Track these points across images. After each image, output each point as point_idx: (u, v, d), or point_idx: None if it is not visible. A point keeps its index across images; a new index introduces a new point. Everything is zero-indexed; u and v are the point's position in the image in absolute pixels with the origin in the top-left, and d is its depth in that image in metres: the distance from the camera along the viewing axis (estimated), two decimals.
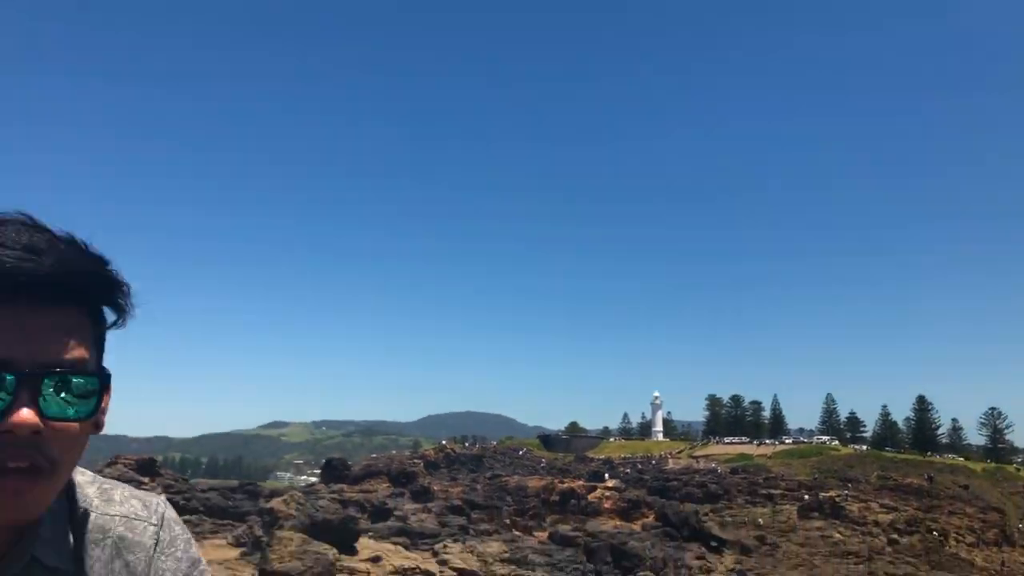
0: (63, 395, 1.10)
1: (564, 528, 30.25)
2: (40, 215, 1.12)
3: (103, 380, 1.15)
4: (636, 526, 32.62)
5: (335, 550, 21.32)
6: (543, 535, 30.10)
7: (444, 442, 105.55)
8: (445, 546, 24.54)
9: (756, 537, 43.09)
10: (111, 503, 1.31)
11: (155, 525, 1.33)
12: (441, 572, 21.06)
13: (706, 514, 37.28)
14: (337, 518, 24.14)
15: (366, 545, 23.74)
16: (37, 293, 1.07)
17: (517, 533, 29.27)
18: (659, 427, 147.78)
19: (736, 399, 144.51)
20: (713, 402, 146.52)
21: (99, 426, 1.19)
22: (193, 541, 1.39)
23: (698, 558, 28.87)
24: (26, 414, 1.06)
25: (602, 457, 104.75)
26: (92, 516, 1.28)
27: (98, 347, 1.17)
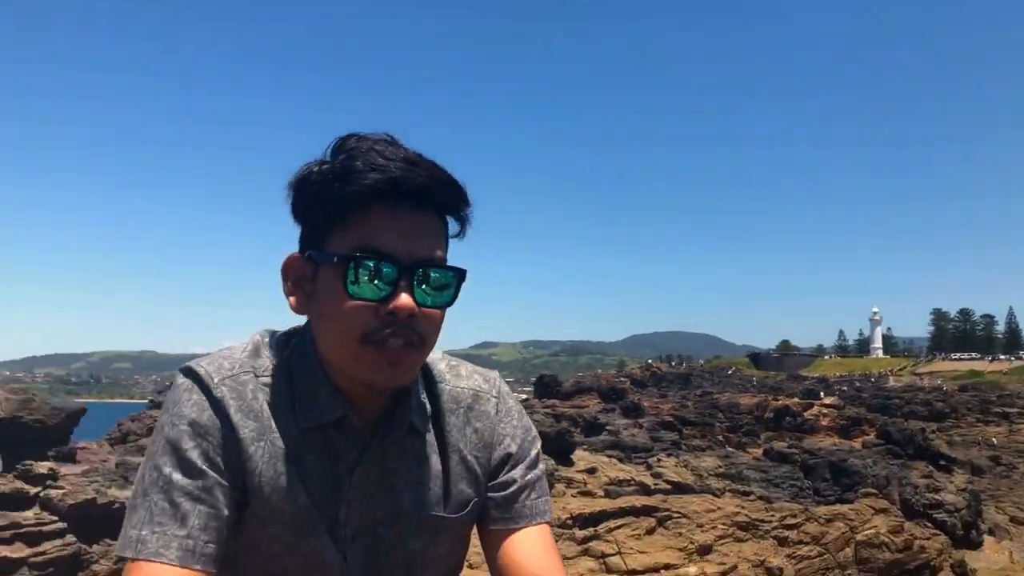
0: (430, 286, 1.30)
1: (779, 445, 29.73)
2: None
3: (459, 276, 1.34)
4: (856, 444, 31.48)
5: (552, 461, 22.22)
6: (757, 452, 29.78)
7: (650, 361, 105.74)
8: (659, 460, 24.89)
9: (989, 457, 40.48)
10: (459, 377, 1.51)
11: (496, 397, 1.52)
12: (655, 484, 21.42)
13: (932, 432, 35.37)
14: (553, 431, 25.05)
15: (581, 457, 24.53)
16: (413, 199, 1.27)
17: (731, 449, 29.15)
18: (878, 344, 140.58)
19: (965, 312, 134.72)
20: (938, 316, 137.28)
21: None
22: (524, 412, 1.58)
23: (924, 476, 27.55)
24: (405, 299, 1.25)
25: (816, 375, 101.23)
26: (447, 388, 1.48)
27: (446, 248, 1.36)
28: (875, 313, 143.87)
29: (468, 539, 1.51)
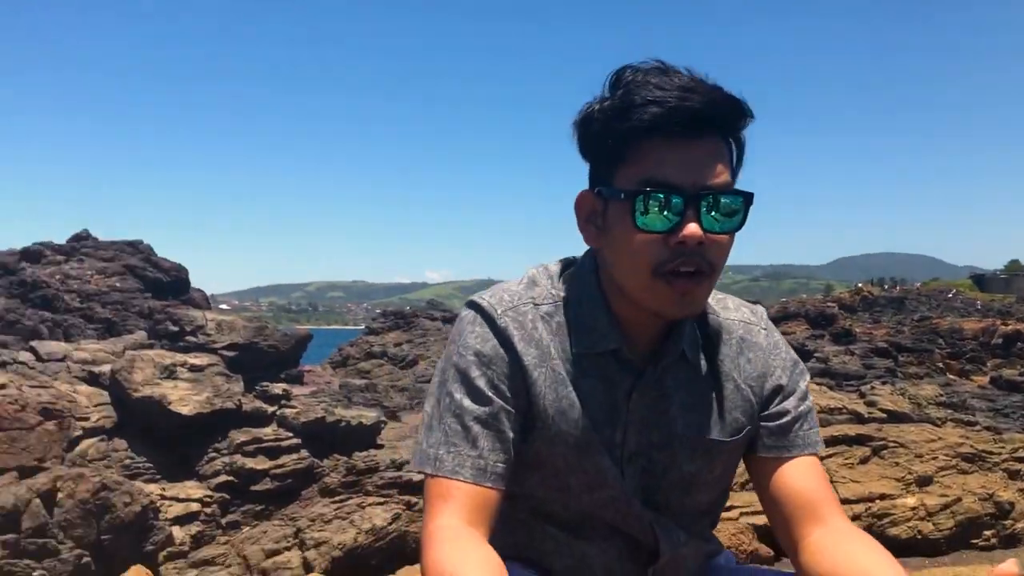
0: (716, 213, 1.30)
1: (1009, 373, 27.61)
2: None
3: (747, 199, 1.34)
4: None
5: None
6: (983, 380, 27.82)
7: (859, 285, 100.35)
8: (872, 388, 23.75)
9: None
10: (728, 309, 1.54)
11: (764, 329, 1.56)
12: (869, 413, 20.48)
13: None
14: None
15: None
16: (692, 127, 1.26)
17: (952, 377, 27.39)
18: None
19: None
20: None
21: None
22: (789, 344, 1.58)
23: None
24: (693, 228, 1.27)
25: None
26: (717, 320, 1.52)
27: (734, 173, 1.35)
28: None
29: (737, 464, 1.56)
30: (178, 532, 14.53)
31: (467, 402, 1.38)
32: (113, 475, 13.93)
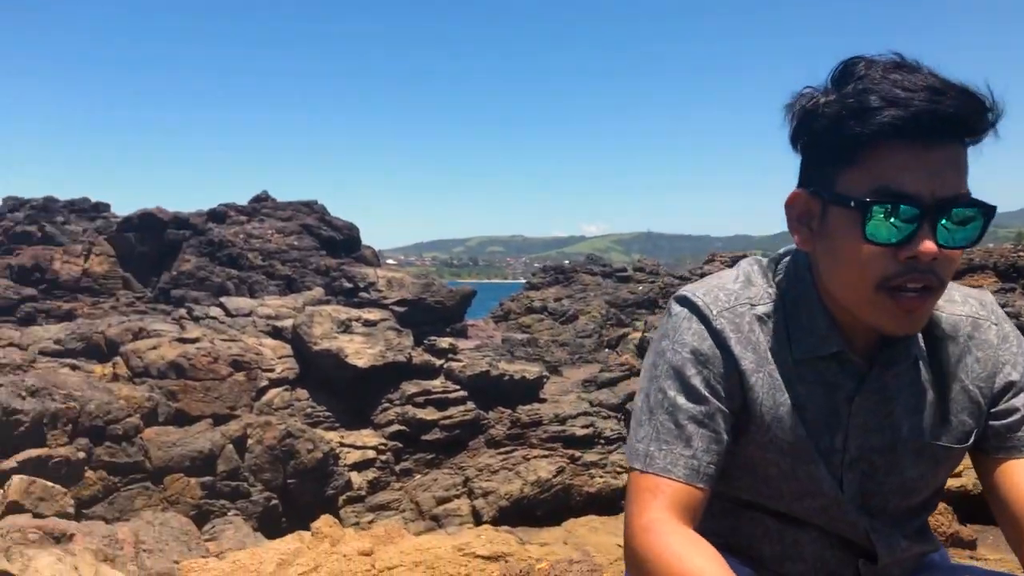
0: (954, 225, 1.19)
1: None
2: None
3: (987, 212, 1.21)
4: None
5: None
6: None
7: (790, 145, 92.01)
8: None
9: None
10: (954, 303, 1.41)
11: (995, 324, 1.42)
12: None
13: None
14: None
15: None
16: (938, 133, 1.15)
17: None
18: None
19: None
20: None
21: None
22: (1021, 336, 1.44)
23: None
24: (928, 243, 1.17)
25: None
26: (943, 316, 1.40)
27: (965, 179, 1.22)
28: None
29: (954, 468, 1.45)
30: (356, 478, 15.40)
31: (681, 400, 1.33)
32: (297, 423, 14.91)
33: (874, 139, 1.17)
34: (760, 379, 1.35)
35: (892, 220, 1.18)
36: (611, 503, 16.22)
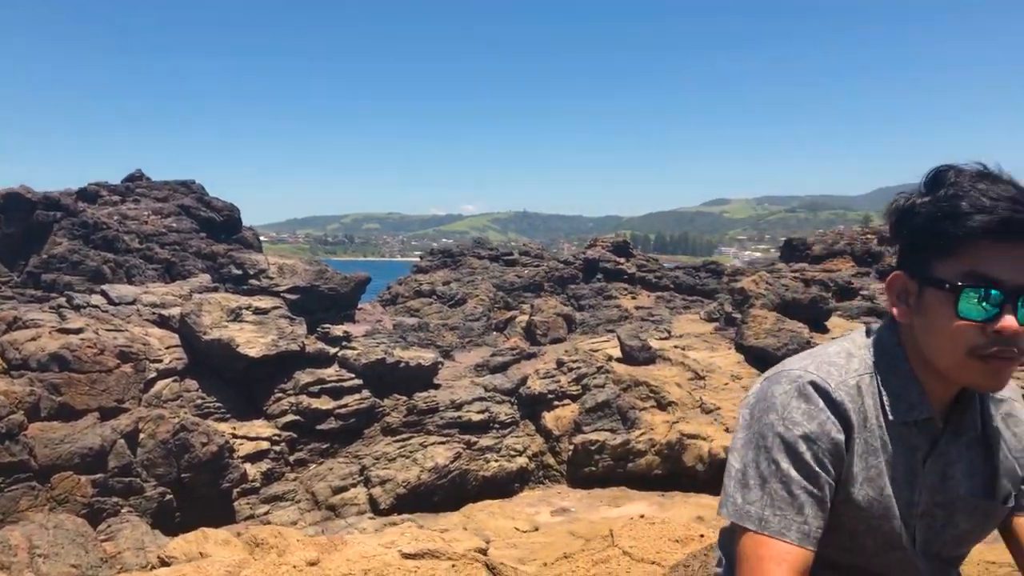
0: None
1: None
2: None
3: None
4: None
5: (807, 328, 21.85)
6: None
7: (891, 238, 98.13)
8: None
9: None
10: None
11: (1010, 399, 1.70)
12: None
13: None
14: (806, 297, 24.50)
15: (836, 324, 23.91)
16: (1016, 232, 1.41)
17: None
18: None
19: None
20: None
21: None
22: None
23: None
24: (1011, 321, 1.42)
25: None
26: (988, 397, 1.67)
27: None
28: None
29: (995, 527, 1.72)
30: (249, 469, 15.19)
31: (794, 473, 1.49)
32: (188, 415, 14.54)
33: (966, 238, 1.43)
34: (860, 446, 1.55)
35: (981, 302, 1.43)
36: (506, 486, 16.57)
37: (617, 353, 19.67)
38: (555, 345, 23.44)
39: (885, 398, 1.57)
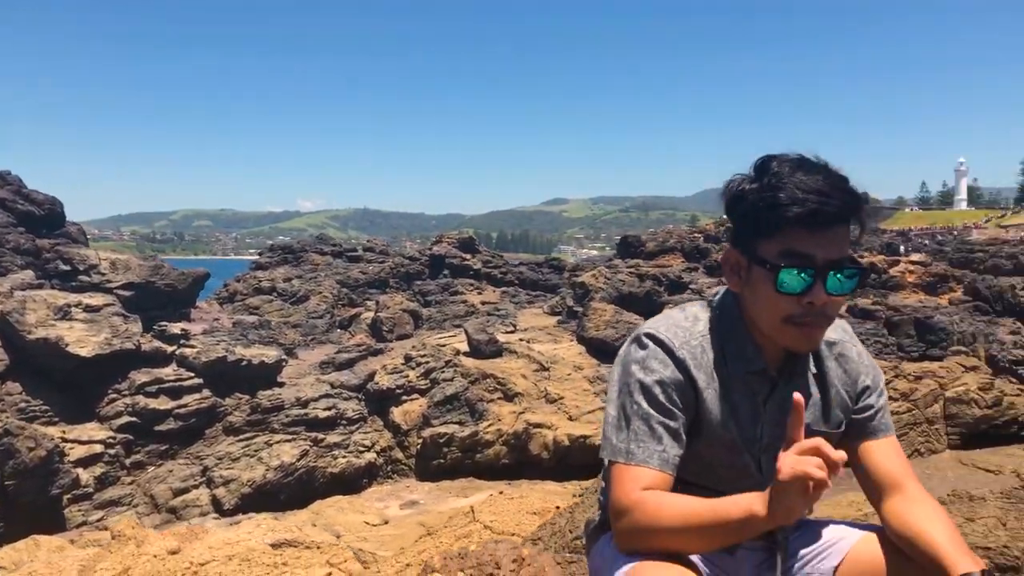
0: (839, 280, 1.74)
1: (863, 302, 29.72)
2: None
3: (863, 272, 1.78)
4: (943, 300, 31.31)
5: (642, 320, 22.88)
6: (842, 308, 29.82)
7: (725, 216, 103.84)
8: None
9: None
10: (828, 331, 1.96)
11: (854, 345, 2.01)
12: None
13: (1022, 289, 34.82)
14: (641, 291, 25.65)
15: None
16: (827, 222, 1.70)
17: None
18: (963, 195, 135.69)
19: None
20: None
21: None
22: (868, 352, 2.06)
23: (1012, 333, 27.47)
24: (819, 294, 1.71)
25: (896, 228, 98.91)
26: (822, 340, 1.93)
27: (851, 247, 1.79)
28: (961, 164, 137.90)
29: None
30: (82, 474, 14.40)
31: (652, 411, 1.77)
32: (11, 419, 13.62)
33: (782, 225, 1.71)
34: (709, 393, 1.84)
35: (796, 277, 1.72)
36: (354, 482, 16.48)
37: (464, 347, 19.93)
38: (402, 341, 23.43)
39: (726, 354, 1.86)
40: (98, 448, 14.69)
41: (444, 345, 20.10)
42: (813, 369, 1.95)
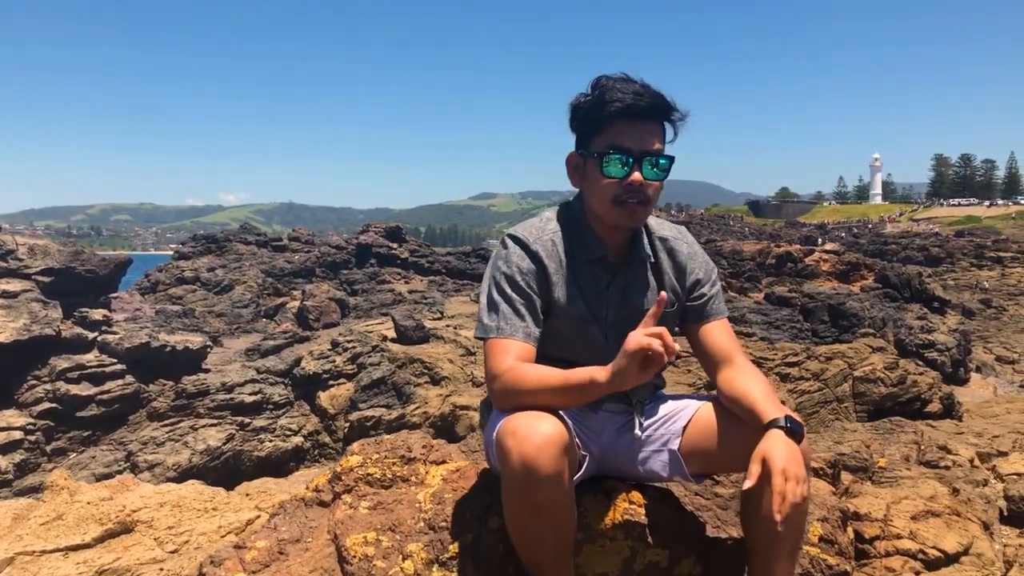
0: (652, 167, 2.17)
1: (780, 290, 30.84)
2: None
3: (671, 160, 2.21)
4: (855, 288, 32.66)
5: None
6: (759, 296, 30.92)
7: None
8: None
9: (981, 301, 41.88)
10: (663, 227, 2.42)
11: (686, 243, 2.44)
12: None
13: (927, 277, 36.51)
14: None
15: None
16: (640, 116, 2.13)
17: (733, 294, 30.28)
18: (877, 190, 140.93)
19: (966, 158, 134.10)
20: (939, 162, 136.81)
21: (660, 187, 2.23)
22: (703, 249, 2.46)
23: (918, 318, 28.88)
24: (637, 176, 2.15)
25: (814, 222, 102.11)
26: (655, 234, 2.40)
27: (664, 143, 2.21)
28: (876, 159, 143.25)
29: (674, 328, 2.40)
30: (1, 461, 14.17)
31: (514, 295, 2.18)
32: None
33: (607, 121, 2.14)
34: (559, 277, 2.25)
35: (618, 164, 2.15)
36: (281, 465, 16.55)
37: (392, 334, 20.11)
38: (328, 329, 23.46)
39: (572, 245, 2.27)
40: (17, 435, 14.46)
41: (371, 332, 20.27)
42: (652, 259, 2.36)
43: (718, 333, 2.37)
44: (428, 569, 2.22)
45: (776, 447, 1.93)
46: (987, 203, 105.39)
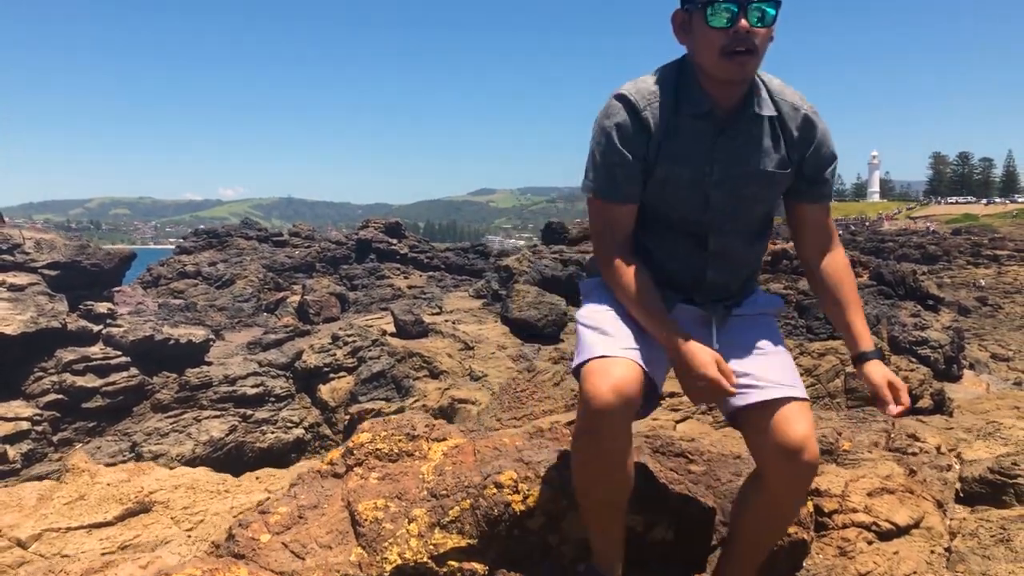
0: (759, 15, 2.09)
1: (776, 287, 31.06)
2: None
3: (778, 4, 2.11)
4: None
5: (564, 301, 23.67)
6: None
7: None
8: None
9: (977, 299, 42.17)
10: (796, 95, 2.33)
11: (811, 112, 2.31)
12: None
13: (923, 274, 36.77)
14: (564, 275, 26.43)
15: None
16: None
17: None
18: (875, 188, 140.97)
19: (964, 156, 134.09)
20: (937, 160, 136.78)
21: (772, 39, 2.16)
22: (827, 126, 2.37)
23: (912, 316, 29.15)
24: (743, 23, 2.07)
25: None
26: (781, 95, 2.29)
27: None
28: (874, 157, 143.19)
29: (779, 196, 2.38)
30: (8, 451, 14.48)
31: (614, 155, 2.20)
32: None
33: None
34: (661, 133, 2.21)
35: (722, 13, 2.13)
36: (282, 457, 16.84)
37: (391, 328, 20.42)
38: (329, 324, 23.76)
39: (679, 101, 2.23)
40: (24, 425, 14.77)
41: (371, 326, 20.57)
42: (772, 112, 2.28)
43: (826, 216, 2.40)
44: (431, 531, 2.52)
45: (890, 373, 2.20)
46: (985, 201, 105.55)
